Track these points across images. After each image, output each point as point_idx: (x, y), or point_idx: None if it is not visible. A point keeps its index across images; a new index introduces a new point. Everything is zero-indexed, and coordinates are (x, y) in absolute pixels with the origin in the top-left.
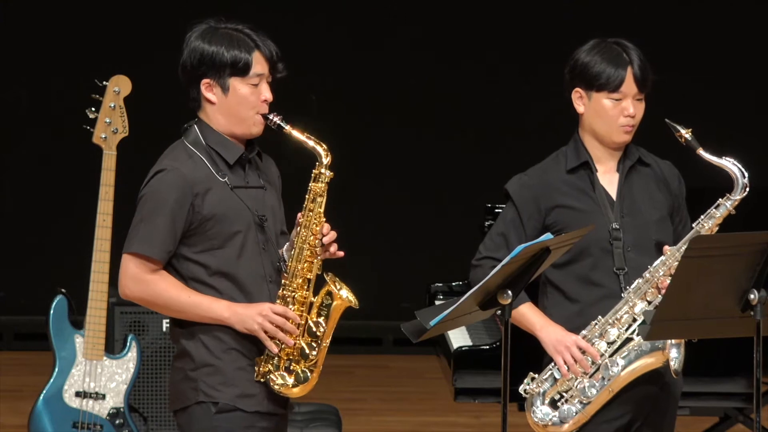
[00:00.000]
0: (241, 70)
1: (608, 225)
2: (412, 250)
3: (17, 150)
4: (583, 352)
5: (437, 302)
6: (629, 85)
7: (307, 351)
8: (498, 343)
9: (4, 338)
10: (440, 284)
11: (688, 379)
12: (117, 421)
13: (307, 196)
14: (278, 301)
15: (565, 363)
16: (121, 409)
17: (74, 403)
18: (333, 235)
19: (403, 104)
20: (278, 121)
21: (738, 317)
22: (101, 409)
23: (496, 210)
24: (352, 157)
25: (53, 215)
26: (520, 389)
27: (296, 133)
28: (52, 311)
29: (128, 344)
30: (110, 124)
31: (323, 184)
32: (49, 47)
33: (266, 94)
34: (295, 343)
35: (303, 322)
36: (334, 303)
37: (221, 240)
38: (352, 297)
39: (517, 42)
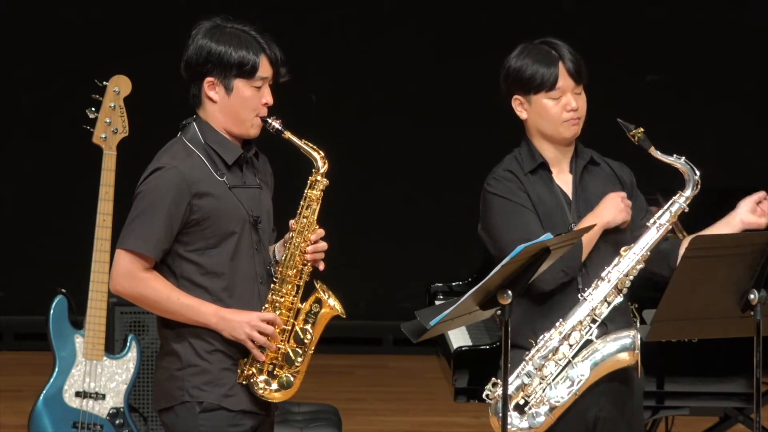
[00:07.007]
0: (248, 72)
1: (567, 225)
2: (412, 250)
3: (17, 150)
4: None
5: (437, 302)
6: (565, 80)
7: (293, 357)
8: (498, 343)
9: (4, 338)
10: (440, 284)
11: (689, 379)
12: (117, 421)
13: (301, 203)
14: (267, 306)
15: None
16: (121, 409)
17: (74, 403)
18: (322, 246)
19: (404, 103)
20: (277, 126)
21: (738, 317)
22: (101, 409)
23: None
24: (351, 157)
25: (53, 215)
26: (483, 395)
27: (294, 139)
28: (52, 311)
29: (128, 344)
30: (110, 124)
31: (319, 192)
32: (48, 47)
33: (267, 97)
34: (279, 349)
35: (289, 327)
36: (322, 311)
37: (217, 240)
38: (339, 306)
39: (518, 40)
